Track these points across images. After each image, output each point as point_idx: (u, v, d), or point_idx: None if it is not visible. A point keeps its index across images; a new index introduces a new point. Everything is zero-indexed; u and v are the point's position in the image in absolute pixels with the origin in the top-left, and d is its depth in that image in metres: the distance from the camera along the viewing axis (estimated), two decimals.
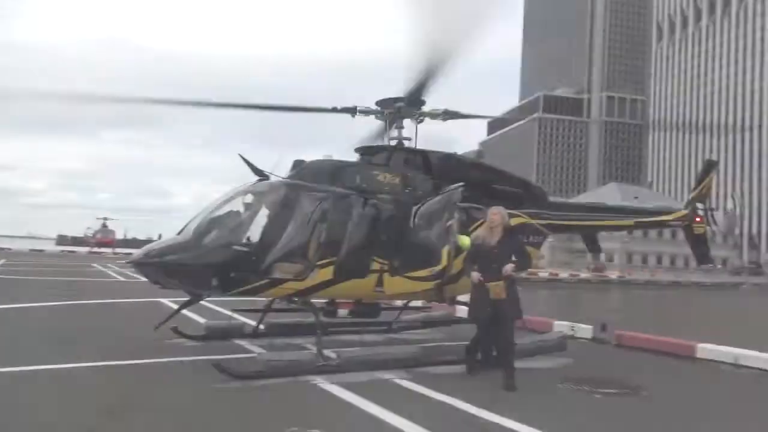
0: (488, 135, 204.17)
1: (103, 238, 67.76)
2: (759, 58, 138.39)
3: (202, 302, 9.45)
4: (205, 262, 7.32)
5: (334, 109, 9.35)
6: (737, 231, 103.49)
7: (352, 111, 9.43)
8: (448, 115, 9.49)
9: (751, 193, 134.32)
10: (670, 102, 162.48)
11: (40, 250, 56.86)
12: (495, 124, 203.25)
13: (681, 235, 13.35)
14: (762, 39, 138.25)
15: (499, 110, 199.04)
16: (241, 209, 7.93)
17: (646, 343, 9.97)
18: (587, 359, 8.95)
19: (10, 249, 52.75)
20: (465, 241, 7.92)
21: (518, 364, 7.07)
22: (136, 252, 8.00)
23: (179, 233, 7.79)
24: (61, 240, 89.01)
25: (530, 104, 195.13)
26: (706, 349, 9.12)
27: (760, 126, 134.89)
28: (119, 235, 78.39)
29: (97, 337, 9.56)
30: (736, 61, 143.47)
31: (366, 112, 9.52)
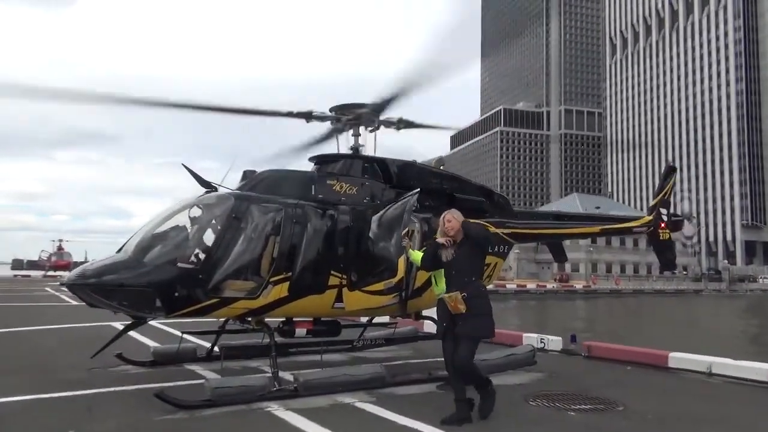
0: (451, 149, 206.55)
1: (59, 261, 65.10)
2: (707, 70, 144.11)
3: (155, 324, 8.77)
4: (146, 281, 6.70)
5: (290, 114, 8.86)
6: (695, 239, 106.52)
7: (307, 116, 8.95)
8: (403, 124, 9.11)
9: (706, 201, 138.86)
10: (626, 114, 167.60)
11: None
12: (458, 138, 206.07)
13: (643, 243, 13.27)
14: (708, 53, 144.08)
15: (461, 124, 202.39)
16: (187, 224, 7.33)
17: (617, 353, 9.69)
18: (558, 373, 8.58)
19: None
20: (417, 255, 7.41)
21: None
22: (70, 272, 7.30)
23: (118, 251, 7.14)
24: (17, 264, 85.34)
25: (491, 118, 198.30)
26: (678, 359, 8.87)
27: (713, 137, 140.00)
28: (78, 257, 75.48)
29: (33, 367, 8.76)
30: (686, 74, 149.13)
31: (322, 118, 9.06)
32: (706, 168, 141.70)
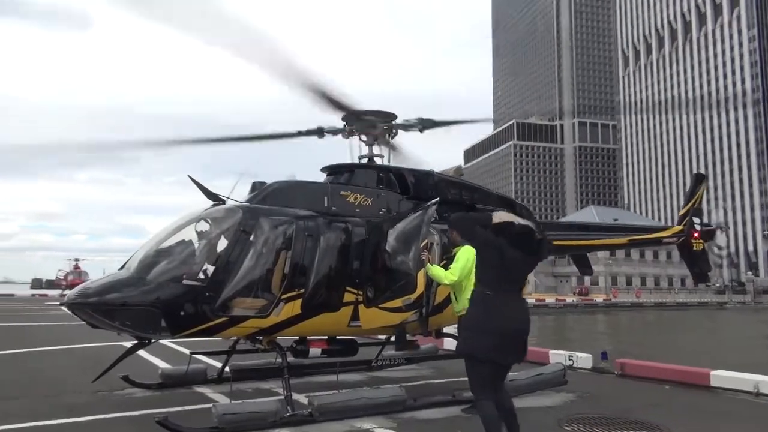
0: (465, 164, 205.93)
1: (75, 280, 65.29)
2: (722, 80, 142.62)
3: (165, 342, 8.33)
4: (150, 299, 6.29)
5: (300, 133, 8.55)
6: (725, 250, 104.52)
7: (318, 133, 8.62)
8: (423, 124, 8.63)
9: (726, 213, 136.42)
10: (640, 126, 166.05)
11: (11, 295, 54.39)
12: (472, 153, 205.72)
13: (663, 256, 12.65)
14: (723, 63, 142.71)
15: (474, 138, 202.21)
16: (193, 238, 6.93)
17: (653, 372, 9.05)
18: (591, 393, 7.99)
19: None
20: (437, 271, 6.95)
21: (515, 402, 6.10)
22: (71, 291, 6.92)
23: (121, 268, 6.75)
24: (36, 284, 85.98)
25: (504, 132, 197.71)
26: (721, 377, 8.23)
27: (730, 147, 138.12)
28: (95, 276, 75.62)
29: (38, 390, 8.37)
30: (701, 85, 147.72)
31: (334, 131, 8.70)
32: (725, 179, 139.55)
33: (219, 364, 8.76)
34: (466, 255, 6.73)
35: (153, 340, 7.18)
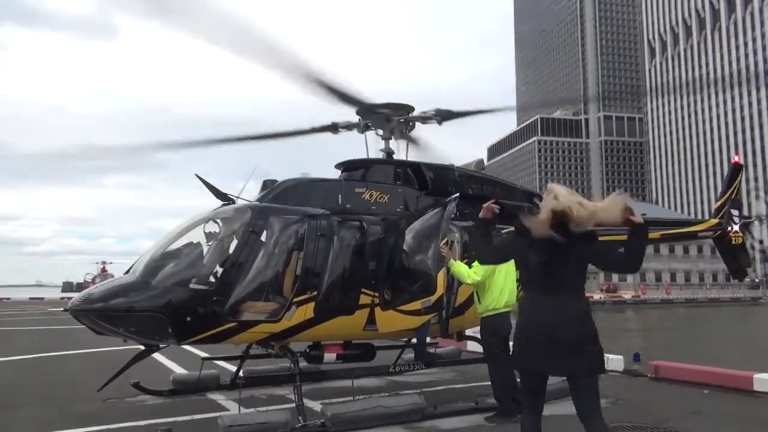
0: (488, 160, 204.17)
1: None
2: (752, 69, 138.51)
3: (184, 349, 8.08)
4: (156, 304, 6.03)
5: (313, 130, 8.22)
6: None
7: (332, 128, 8.28)
8: (441, 115, 8.21)
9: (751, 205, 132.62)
10: (667, 118, 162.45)
11: (41, 298, 55.37)
12: (495, 149, 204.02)
13: (694, 250, 12.02)
14: (754, 51, 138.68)
15: (498, 134, 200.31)
16: (201, 240, 6.66)
17: (689, 374, 8.50)
18: (625, 399, 7.49)
19: (8, 299, 51.45)
20: (460, 268, 6.61)
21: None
22: (75, 296, 6.70)
23: (127, 272, 6.51)
24: (67, 287, 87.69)
25: (528, 128, 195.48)
26: (765, 381, 7.66)
27: (762, 137, 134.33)
28: None
29: (50, 397, 8.24)
30: (730, 75, 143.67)
31: (348, 126, 8.36)
32: (757, 171, 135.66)
33: (233, 368, 8.50)
34: None
35: (160, 347, 6.94)
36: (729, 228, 10.86)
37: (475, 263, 6.59)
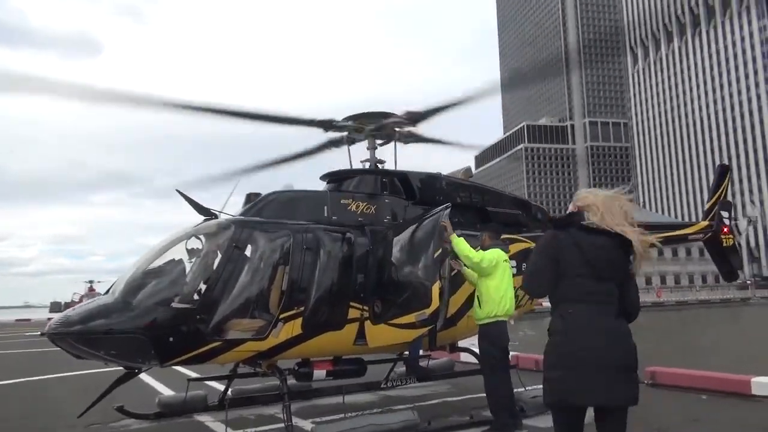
0: (477, 168, 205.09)
1: None
2: (734, 73, 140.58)
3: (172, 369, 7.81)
4: (136, 325, 5.81)
5: (311, 122, 7.92)
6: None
7: (327, 125, 7.97)
8: (414, 117, 7.81)
9: (745, 206, 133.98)
10: (652, 123, 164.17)
11: (27, 320, 54.33)
12: (482, 158, 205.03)
13: (682, 253, 11.96)
14: (734, 55, 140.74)
15: (485, 143, 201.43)
16: (183, 257, 6.45)
17: (686, 380, 8.39)
18: None
19: None
20: (462, 244, 6.51)
21: (536, 420, 5.54)
22: (51, 320, 6.45)
23: (106, 292, 6.28)
24: (55, 307, 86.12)
25: (515, 135, 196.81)
26: (763, 384, 7.55)
27: (745, 140, 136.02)
28: None
29: (31, 424, 7.96)
30: (712, 78, 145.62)
31: (341, 127, 8.11)
32: (741, 172, 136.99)
33: (221, 388, 8.26)
34: (493, 254, 6.48)
35: (142, 370, 6.69)
36: (720, 230, 10.82)
37: (481, 252, 6.53)
